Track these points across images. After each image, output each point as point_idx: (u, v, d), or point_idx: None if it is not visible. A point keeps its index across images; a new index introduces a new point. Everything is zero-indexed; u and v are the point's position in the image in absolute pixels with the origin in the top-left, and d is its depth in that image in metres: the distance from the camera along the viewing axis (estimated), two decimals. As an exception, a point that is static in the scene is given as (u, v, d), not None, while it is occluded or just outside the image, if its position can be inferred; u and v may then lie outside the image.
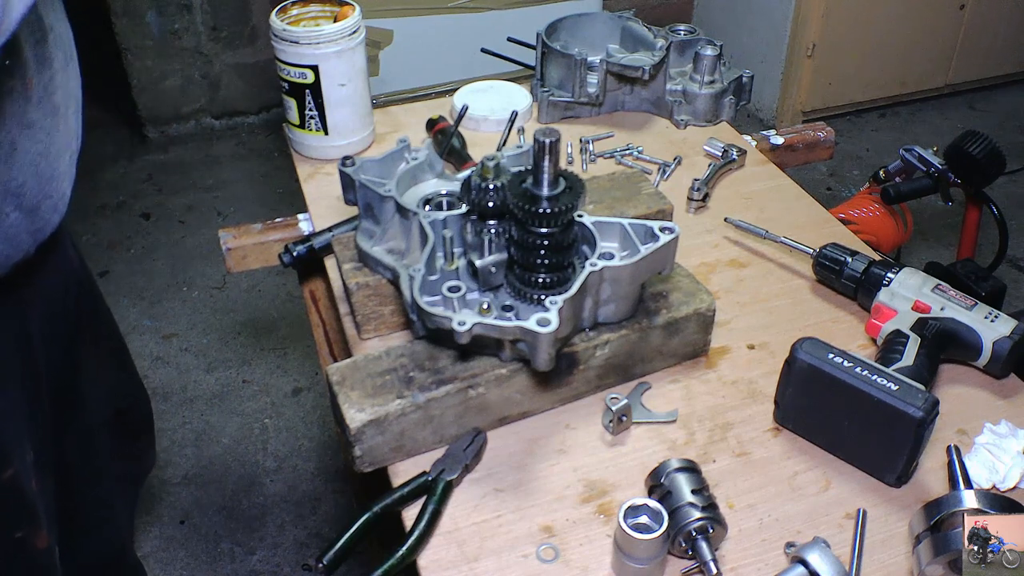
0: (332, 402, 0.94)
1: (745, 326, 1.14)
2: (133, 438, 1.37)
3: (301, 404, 2.43)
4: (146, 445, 1.42)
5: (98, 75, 2.14)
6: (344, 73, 1.39)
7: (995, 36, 3.75)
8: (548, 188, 0.90)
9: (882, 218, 2.02)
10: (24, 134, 0.87)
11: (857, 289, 1.15)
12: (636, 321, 1.01)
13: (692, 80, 1.55)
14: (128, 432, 1.34)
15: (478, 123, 1.53)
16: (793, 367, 0.94)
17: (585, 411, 1.02)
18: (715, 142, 1.47)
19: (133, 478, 1.40)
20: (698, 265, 1.24)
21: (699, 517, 0.83)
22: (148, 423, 1.42)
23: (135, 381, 1.38)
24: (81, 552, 1.25)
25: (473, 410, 0.96)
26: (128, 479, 1.37)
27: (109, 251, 2.99)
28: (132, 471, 1.39)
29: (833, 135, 1.62)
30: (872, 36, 3.54)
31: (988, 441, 0.96)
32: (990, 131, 1.96)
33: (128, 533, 1.43)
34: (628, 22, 1.60)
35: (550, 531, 0.89)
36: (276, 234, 1.36)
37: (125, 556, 1.44)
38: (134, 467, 1.39)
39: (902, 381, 0.89)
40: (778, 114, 3.73)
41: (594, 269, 0.94)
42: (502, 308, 0.98)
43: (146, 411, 1.41)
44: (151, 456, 1.45)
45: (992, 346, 1.03)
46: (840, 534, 0.88)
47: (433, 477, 0.91)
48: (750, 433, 0.99)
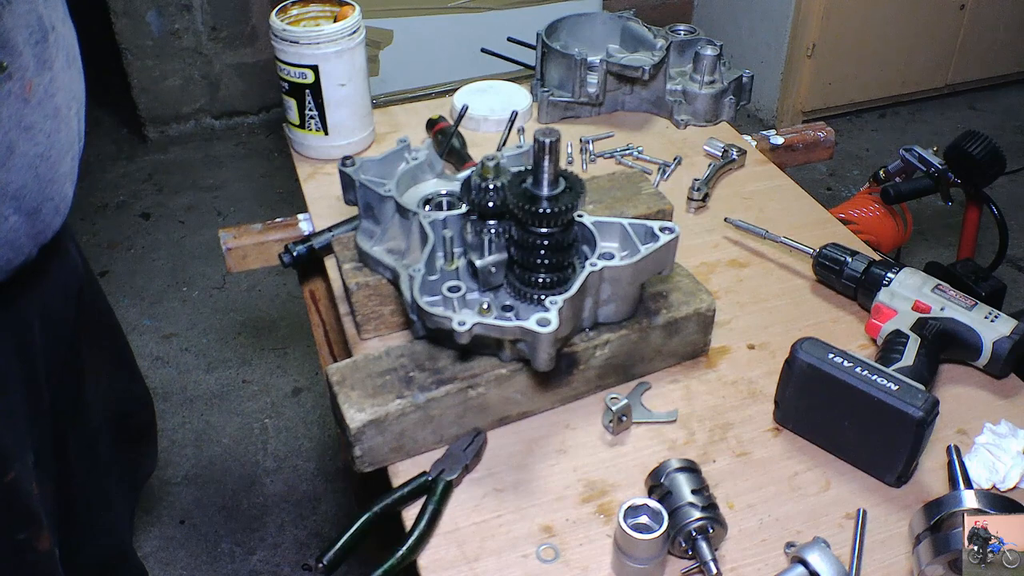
0: (332, 402, 0.94)
1: (745, 326, 1.14)
2: (135, 441, 1.37)
3: (301, 404, 2.43)
4: (147, 448, 1.42)
5: (98, 75, 2.14)
6: (344, 73, 1.39)
7: (995, 36, 3.75)
8: (548, 188, 0.90)
9: (882, 218, 2.02)
10: (23, 136, 0.87)
11: (857, 289, 1.15)
12: (636, 321, 1.01)
13: (692, 80, 1.56)
14: (130, 435, 1.34)
15: (478, 123, 1.53)
16: (793, 367, 0.94)
17: (585, 411, 1.02)
18: (715, 142, 1.47)
19: (134, 481, 1.39)
20: (698, 265, 1.24)
21: (699, 517, 0.83)
22: (150, 427, 1.41)
23: (138, 384, 1.38)
24: (82, 554, 1.24)
25: (473, 410, 0.96)
26: (129, 482, 1.37)
27: (109, 251, 2.99)
28: (133, 474, 1.39)
29: (833, 135, 1.62)
30: (872, 36, 3.54)
31: (988, 441, 0.96)
32: (990, 131, 1.96)
33: (128, 535, 1.43)
34: (628, 22, 1.60)
35: (550, 531, 0.89)
36: (276, 234, 1.36)
37: (126, 558, 1.44)
38: (135, 470, 1.39)
39: (902, 381, 0.89)
40: (778, 114, 3.73)
41: (594, 269, 0.94)
42: (502, 308, 0.98)
43: (148, 415, 1.40)
44: (152, 459, 1.45)
45: (992, 346, 1.03)
46: (840, 534, 0.88)
47: (433, 477, 0.91)
48: (750, 433, 0.99)
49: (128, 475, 1.36)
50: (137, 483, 1.41)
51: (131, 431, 1.34)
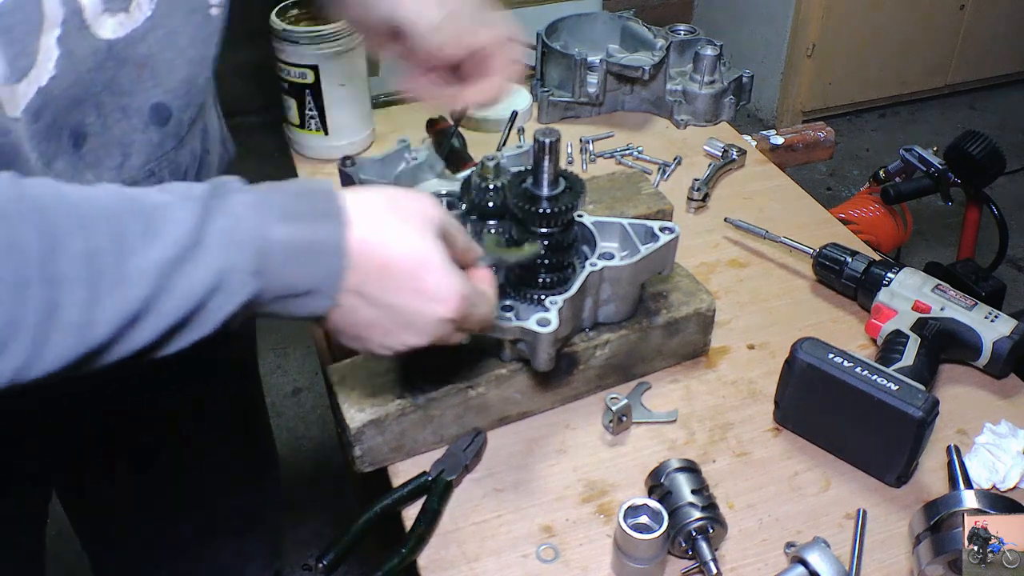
0: (332, 402, 0.94)
1: (745, 326, 1.14)
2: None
3: (301, 404, 2.43)
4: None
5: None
6: (344, 73, 1.39)
7: (995, 36, 3.75)
8: (548, 188, 0.90)
9: (882, 218, 2.03)
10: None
11: (857, 289, 1.15)
12: (636, 321, 1.01)
13: (692, 80, 1.55)
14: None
15: (478, 123, 1.53)
16: (793, 367, 0.94)
17: (585, 411, 1.02)
18: (715, 142, 1.47)
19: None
20: (698, 265, 1.24)
21: (699, 517, 0.83)
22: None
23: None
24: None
25: (473, 410, 0.96)
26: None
27: (109, 251, 2.99)
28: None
29: (833, 135, 1.62)
30: (872, 36, 3.54)
31: (988, 441, 0.96)
32: (990, 131, 1.96)
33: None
34: (628, 22, 1.60)
35: (550, 531, 0.89)
36: (276, 234, 1.36)
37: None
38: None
39: (902, 381, 0.89)
40: (778, 114, 3.73)
41: (594, 269, 0.94)
42: (502, 308, 0.97)
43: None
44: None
45: (992, 346, 1.03)
46: (840, 534, 0.88)
47: (433, 477, 0.91)
48: (750, 433, 0.99)
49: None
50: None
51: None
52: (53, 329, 0.53)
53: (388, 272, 0.66)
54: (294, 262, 0.62)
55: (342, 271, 0.64)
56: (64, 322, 0.54)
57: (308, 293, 0.64)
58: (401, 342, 0.70)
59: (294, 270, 0.62)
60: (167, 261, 0.56)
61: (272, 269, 0.61)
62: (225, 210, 0.59)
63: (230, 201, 0.60)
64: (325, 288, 0.64)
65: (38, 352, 0.53)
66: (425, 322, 0.69)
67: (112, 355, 0.58)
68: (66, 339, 0.54)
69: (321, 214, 0.64)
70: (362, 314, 0.67)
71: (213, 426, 1.15)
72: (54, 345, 0.54)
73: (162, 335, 0.58)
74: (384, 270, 0.66)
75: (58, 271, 0.53)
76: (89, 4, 0.68)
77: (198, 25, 0.78)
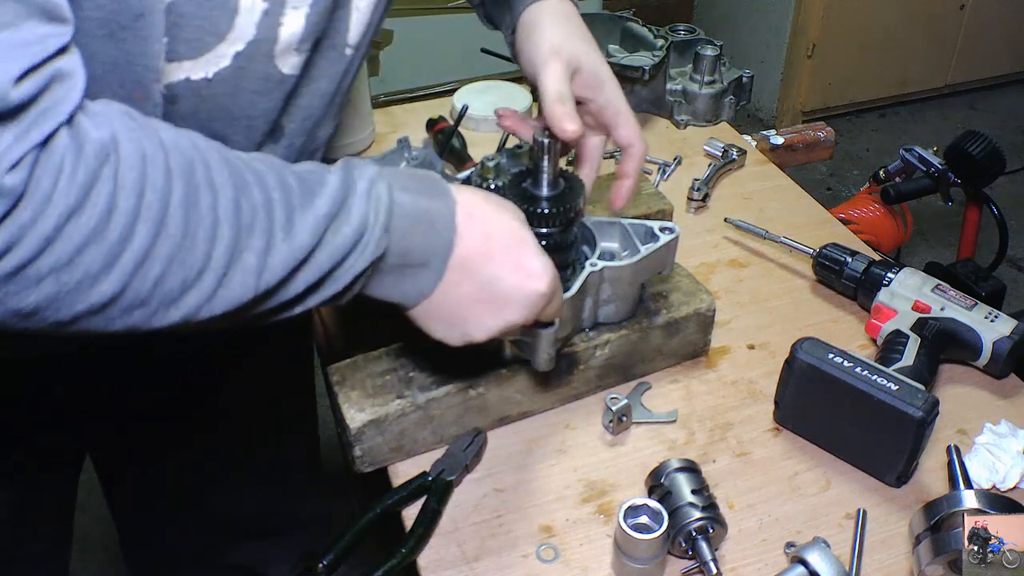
0: (332, 402, 0.94)
1: (745, 326, 1.14)
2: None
3: (301, 404, 2.43)
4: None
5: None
6: (344, 73, 1.39)
7: (995, 36, 3.75)
8: (548, 188, 0.90)
9: (882, 218, 2.02)
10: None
11: (857, 289, 1.15)
12: (636, 321, 1.01)
13: (692, 80, 1.55)
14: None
15: (478, 123, 1.53)
16: (793, 367, 0.94)
17: (585, 411, 1.02)
18: (715, 142, 1.47)
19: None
20: (698, 265, 1.24)
21: (699, 517, 0.83)
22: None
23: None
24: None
25: (473, 410, 0.96)
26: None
27: (109, 251, 2.98)
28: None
29: (833, 135, 1.62)
30: (872, 36, 3.54)
31: (988, 441, 0.96)
32: (990, 131, 1.96)
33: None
34: (628, 22, 1.60)
35: (550, 531, 0.89)
36: (276, 234, 1.36)
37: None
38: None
39: (902, 381, 0.89)
40: (778, 114, 3.73)
41: (594, 269, 0.94)
42: (502, 308, 0.97)
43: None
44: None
45: (992, 346, 1.03)
46: (840, 534, 0.88)
47: (433, 477, 0.91)
48: (750, 433, 0.99)
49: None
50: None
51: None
52: (235, 271, 0.57)
53: (491, 245, 0.70)
54: (414, 228, 0.66)
55: (452, 245, 0.68)
56: (245, 265, 0.57)
57: (422, 264, 0.68)
58: (503, 320, 0.73)
59: (413, 237, 0.66)
60: (326, 216, 0.61)
61: (398, 230, 0.65)
62: (362, 175, 0.65)
63: (363, 169, 0.65)
64: (437, 261, 0.68)
65: (220, 291, 0.57)
66: (524, 296, 0.72)
67: (263, 306, 0.62)
68: (244, 281, 0.58)
69: (432, 190, 0.69)
70: (464, 289, 0.70)
71: (264, 413, 1.20)
72: (233, 286, 0.58)
73: (306, 289, 0.63)
74: (487, 243, 0.70)
75: (243, 217, 0.57)
76: (285, 37, 0.68)
77: (334, 61, 0.78)
